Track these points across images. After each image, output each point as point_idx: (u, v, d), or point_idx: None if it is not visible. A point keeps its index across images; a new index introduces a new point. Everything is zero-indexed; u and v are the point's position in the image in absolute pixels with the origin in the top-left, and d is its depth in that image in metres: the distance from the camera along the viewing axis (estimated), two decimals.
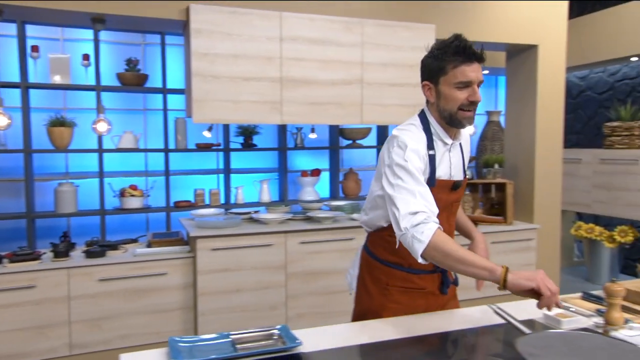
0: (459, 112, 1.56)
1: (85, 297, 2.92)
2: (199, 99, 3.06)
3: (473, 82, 1.53)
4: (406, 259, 1.66)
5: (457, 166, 1.70)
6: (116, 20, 3.11)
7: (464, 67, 1.52)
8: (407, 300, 1.69)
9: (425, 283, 1.71)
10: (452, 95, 1.54)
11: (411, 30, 3.53)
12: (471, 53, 1.53)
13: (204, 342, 1.33)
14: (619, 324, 1.36)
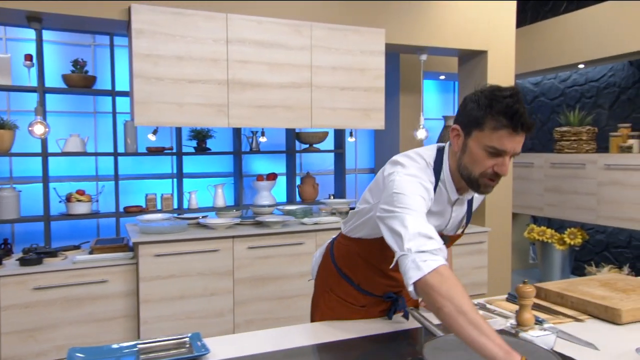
0: (480, 179, 1.32)
1: (18, 307, 2.80)
2: (141, 101, 2.98)
3: (507, 153, 1.28)
4: (357, 276, 1.60)
5: (455, 222, 1.50)
6: (54, 20, 3.01)
7: (504, 133, 1.25)
8: (343, 312, 1.62)
9: (367, 302, 1.62)
10: (479, 158, 1.30)
11: (361, 34, 3.53)
12: (520, 122, 1.24)
13: (106, 353, 1.26)
14: (529, 325, 1.36)
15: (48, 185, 3.95)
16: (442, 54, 4.25)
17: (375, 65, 3.59)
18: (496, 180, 1.33)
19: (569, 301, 1.67)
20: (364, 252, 1.55)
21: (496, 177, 1.32)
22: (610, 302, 1.57)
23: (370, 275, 1.58)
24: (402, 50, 4.08)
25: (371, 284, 1.59)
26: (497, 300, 1.78)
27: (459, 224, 1.52)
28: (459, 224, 1.53)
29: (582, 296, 1.64)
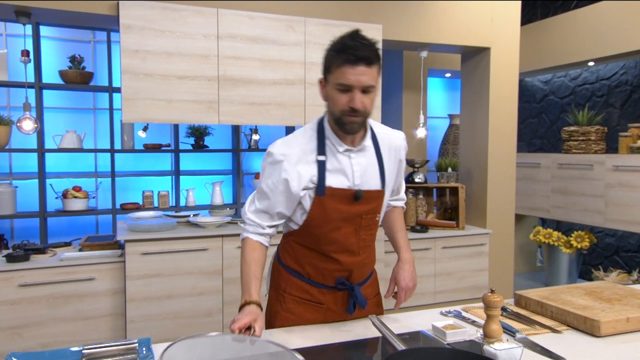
0: (343, 116, 1.41)
1: (3, 303, 2.78)
2: (129, 97, 2.94)
3: (354, 87, 1.37)
4: (305, 268, 1.56)
5: (366, 176, 1.52)
6: (43, 14, 2.98)
7: (345, 69, 1.36)
8: (302, 311, 1.57)
9: (324, 298, 1.58)
10: (335, 97, 1.41)
11: None
12: (352, 53, 1.35)
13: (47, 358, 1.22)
14: (496, 337, 1.27)
15: (44, 181, 3.96)
16: (443, 51, 4.14)
17: None
18: (358, 116, 1.40)
19: (549, 310, 1.58)
20: (301, 239, 1.56)
21: (354, 113, 1.39)
22: (590, 312, 1.48)
23: (315, 262, 1.55)
24: (401, 46, 3.99)
25: (319, 272, 1.56)
26: (475, 308, 1.69)
27: (376, 178, 1.55)
28: (374, 179, 1.54)
29: (562, 306, 1.54)
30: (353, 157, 1.51)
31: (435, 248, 3.82)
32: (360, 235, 1.55)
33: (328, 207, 1.48)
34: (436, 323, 1.46)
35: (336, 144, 1.49)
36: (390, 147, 1.60)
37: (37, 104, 3.79)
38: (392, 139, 1.62)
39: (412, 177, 4.08)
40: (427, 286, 3.80)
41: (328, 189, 1.47)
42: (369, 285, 1.67)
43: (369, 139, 1.55)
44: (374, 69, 1.38)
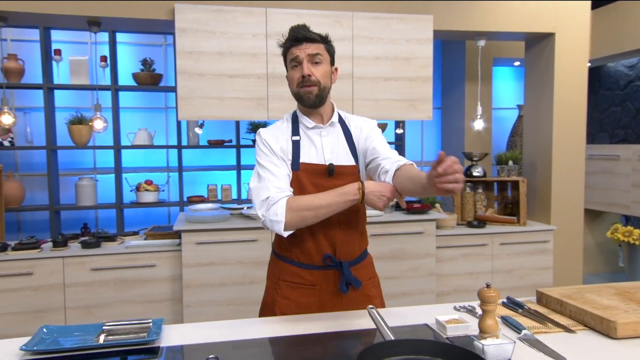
0: (299, 90, 1.60)
1: (79, 285, 3.10)
2: (184, 96, 3.14)
3: (301, 58, 1.58)
4: (293, 252, 1.64)
5: (336, 151, 1.66)
6: (111, 23, 3.26)
7: (293, 49, 1.61)
8: (297, 296, 1.64)
9: (315, 279, 1.64)
10: (290, 75, 1.63)
11: (406, 22, 3.41)
12: (295, 36, 1.60)
13: (72, 330, 1.37)
14: (492, 332, 1.25)
15: (121, 175, 4.32)
16: (504, 39, 3.96)
17: (422, 54, 3.45)
18: (311, 85, 1.58)
19: (568, 310, 1.50)
20: None
21: (307, 81, 1.58)
22: (609, 313, 1.39)
23: (300, 243, 1.63)
24: (454, 36, 3.88)
25: (306, 252, 1.62)
26: None
27: (343, 155, 1.65)
28: (345, 155, 1.66)
29: (581, 305, 1.47)
30: (324, 135, 1.66)
31: (493, 244, 3.69)
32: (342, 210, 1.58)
33: (303, 181, 1.60)
34: (440, 317, 1.45)
35: (305, 122, 1.66)
36: (357, 126, 1.73)
37: (112, 104, 4.14)
38: (357, 120, 1.76)
39: (470, 171, 3.96)
40: (483, 283, 3.67)
41: (302, 164, 1.61)
42: (362, 267, 1.72)
43: (337, 117, 1.72)
44: (318, 45, 1.61)
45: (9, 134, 4.13)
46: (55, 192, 4.16)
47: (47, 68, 4.02)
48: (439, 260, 3.56)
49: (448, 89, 5.11)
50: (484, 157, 4.01)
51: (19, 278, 3.02)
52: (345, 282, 1.62)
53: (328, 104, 1.70)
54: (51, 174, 4.07)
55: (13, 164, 4.44)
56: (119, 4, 3.10)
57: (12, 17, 3.18)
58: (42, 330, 1.36)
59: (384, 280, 3.35)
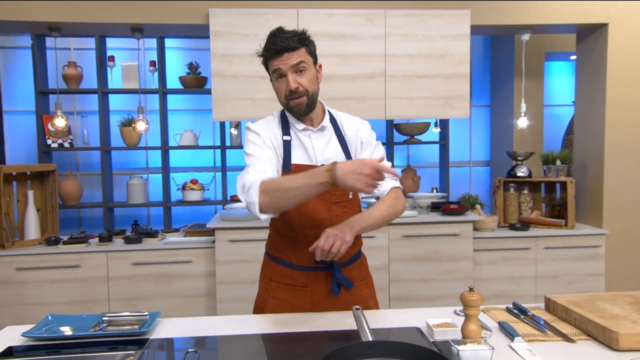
0: (288, 102, 1.58)
1: (121, 278, 3.27)
2: (218, 97, 3.24)
3: (285, 72, 1.54)
4: (285, 253, 1.64)
5: (327, 153, 1.64)
6: (153, 29, 3.42)
7: (273, 61, 1.55)
8: (288, 297, 1.65)
9: (307, 281, 1.64)
10: (276, 87, 1.60)
11: (442, 17, 3.32)
12: (273, 48, 1.53)
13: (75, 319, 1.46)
14: (473, 337, 1.19)
15: (168, 175, 4.51)
16: (551, 32, 3.77)
17: (458, 50, 3.35)
18: (299, 97, 1.56)
19: (573, 317, 1.41)
20: (278, 224, 1.66)
21: (294, 94, 1.55)
22: (614, 322, 1.29)
23: (292, 244, 1.64)
24: (494, 31, 3.73)
25: (298, 254, 1.62)
26: (497, 310, 1.58)
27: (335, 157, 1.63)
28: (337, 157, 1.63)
29: (585, 313, 1.37)
30: (313, 137, 1.65)
31: (536, 248, 3.51)
32: (332, 211, 1.62)
33: None
34: (430, 320, 1.40)
35: (296, 125, 1.64)
36: (351, 128, 1.71)
37: (160, 107, 4.33)
38: (351, 122, 1.73)
39: (514, 171, 3.79)
40: (526, 288, 3.52)
41: (293, 165, 1.60)
42: (356, 268, 1.70)
43: (328, 120, 1.68)
44: (300, 51, 1.54)
45: (69, 136, 4.43)
46: (108, 190, 4.41)
47: (102, 74, 4.27)
48: (477, 264, 3.44)
49: (497, 86, 4.92)
50: (529, 156, 3.82)
51: (68, 270, 3.24)
52: (337, 283, 1.61)
53: (318, 106, 1.67)
54: (105, 173, 4.32)
55: (74, 164, 4.76)
56: (159, 11, 3.24)
57: (65, 28, 3.41)
58: (47, 318, 1.45)
59: (417, 283, 3.30)
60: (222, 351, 1.31)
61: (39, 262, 3.23)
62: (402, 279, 3.34)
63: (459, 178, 5.06)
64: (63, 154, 4.61)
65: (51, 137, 4.28)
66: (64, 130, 4.30)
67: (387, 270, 3.32)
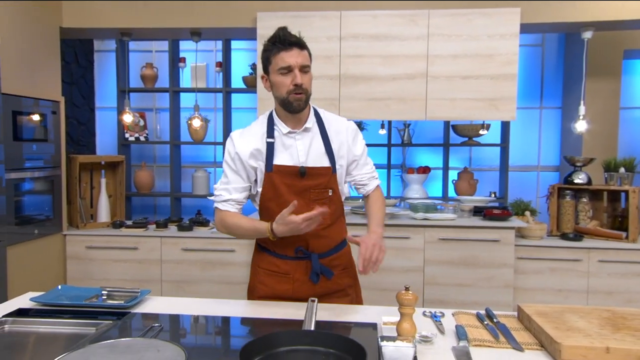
0: (289, 96, 1.65)
1: (172, 262, 3.57)
2: (263, 97, 3.41)
3: (293, 67, 1.63)
4: (269, 243, 1.74)
5: (311, 154, 1.73)
6: (209, 32, 3.67)
7: (282, 54, 1.63)
8: (273, 283, 1.77)
9: (289, 268, 1.74)
10: (279, 82, 1.66)
11: (489, 16, 3.22)
12: (285, 39, 1.63)
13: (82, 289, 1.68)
14: (407, 335, 1.21)
15: None
16: (618, 28, 3.49)
17: (506, 50, 3.23)
18: (301, 93, 1.65)
19: (533, 327, 1.37)
20: (263, 216, 1.77)
21: (299, 89, 1.64)
22: (565, 334, 1.24)
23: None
24: (548, 29, 3.53)
25: (281, 244, 1.71)
26: (465, 314, 1.56)
27: (318, 157, 1.73)
28: (319, 157, 1.73)
29: (543, 324, 1.32)
30: (298, 138, 1.73)
31: (589, 260, 3.28)
32: (312, 208, 1.63)
33: (276, 181, 1.69)
34: (385, 318, 1.44)
35: (281, 128, 1.73)
36: (335, 129, 1.79)
37: (223, 105, 4.61)
38: (336, 123, 1.81)
39: (571, 177, 3.57)
40: (575, 302, 3.30)
41: (275, 166, 1.70)
42: (336, 258, 1.79)
43: (313, 122, 1.77)
44: (305, 53, 1.67)
45: (145, 131, 4.87)
46: (176, 182, 4.78)
47: (174, 74, 4.64)
48: (521, 272, 3.30)
49: (569, 87, 4.63)
50: (589, 162, 3.58)
51: (128, 251, 3.59)
52: (315, 272, 1.70)
53: (307, 107, 1.76)
54: (173, 165, 4.70)
55: (152, 156, 5.22)
56: (213, 16, 3.49)
57: (135, 33, 3.77)
58: (57, 288, 1.69)
59: (453, 287, 3.25)
60: (183, 327, 1.44)
61: (104, 242, 3.61)
62: (437, 282, 3.29)
63: (525, 183, 4.83)
64: (143, 146, 5.06)
65: (129, 132, 4.73)
66: (138, 125, 4.74)
67: (421, 272, 3.30)
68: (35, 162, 3.30)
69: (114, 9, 3.57)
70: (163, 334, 1.36)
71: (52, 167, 3.48)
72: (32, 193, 3.30)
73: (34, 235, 3.29)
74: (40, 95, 3.31)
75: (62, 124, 3.57)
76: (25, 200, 3.24)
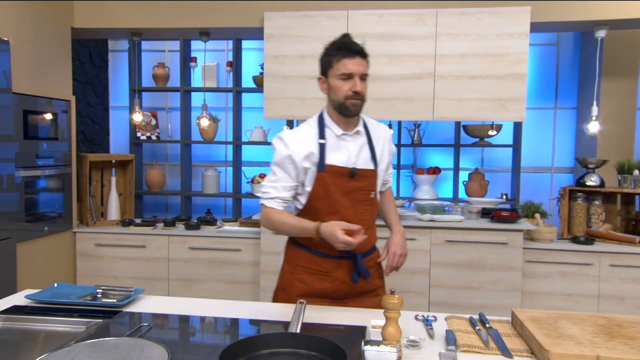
0: (347, 101, 1.71)
1: (179, 260, 3.59)
2: (269, 97, 3.41)
3: (354, 74, 1.68)
4: (313, 242, 1.73)
5: (360, 156, 1.79)
6: (217, 32, 3.68)
7: (345, 61, 1.68)
8: (312, 281, 1.79)
9: (330, 267, 1.77)
10: (338, 86, 1.71)
11: (498, 15, 3.16)
12: (350, 48, 1.69)
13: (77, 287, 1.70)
14: (392, 339, 1.20)
15: (239, 168, 4.81)
16: (634, 27, 3.40)
17: (515, 49, 3.17)
18: (359, 99, 1.71)
19: (525, 333, 1.33)
20: (308, 216, 1.77)
21: (357, 96, 1.70)
22: (556, 342, 1.21)
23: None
24: (560, 28, 3.47)
25: (325, 243, 1.67)
26: (458, 319, 1.53)
27: (368, 159, 1.80)
28: (366, 160, 1.80)
29: (534, 330, 1.29)
30: (349, 140, 1.79)
31: (600, 265, 3.21)
32: (356, 208, 1.77)
33: (328, 182, 1.73)
34: (374, 321, 1.42)
35: (334, 130, 1.78)
36: (379, 135, 1.87)
37: (234, 104, 4.63)
38: (379, 128, 1.90)
39: (583, 180, 3.49)
40: (586, 307, 3.23)
41: (327, 166, 1.74)
42: (372, 259, 1.86)
43: (362, 126, 1.83)
44: (366, 62, 1.73)
45: (156, 130, 4.91)
46: (187, 180, 4.81)
47: (185, 73, 4.67)
48: (529, 276, 3.24)
49: (585, 87, 4.53)
50: (601, 164, 3.50)
51: (136, 249, 3.63)
52: (357, 271, 1.76)
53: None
54: (183, 164, 4.73)
55: (164, 155, 5.26)
56: (220, 16, 3.50)
57: (145, 33, 3.81)
58: (53, 286, 1.71)
59: (459, 290, 3.21)
60: (171, 327, 1.44)
61: (113, 240, 3.66)
62: (444, 284, 3.25)
63: (539, 185, 4.75)
64: (156, 145, 5.11)
65: (140, 131, 4.78)
66: (150, 124, 4.78)
67: (427, 274, 3.26)
68: (46, 160, 3.35)
69: (124, 9, 3.61)
70: (150, 334, 1.37)
71: (63, 166, 3.53)
72: (43, 191, 3.36)
73: (44, 232, 3.34)
74: (51, 95, 3.36)
75: (72, 123, 3.62)
76: (36, 197, 3.29)
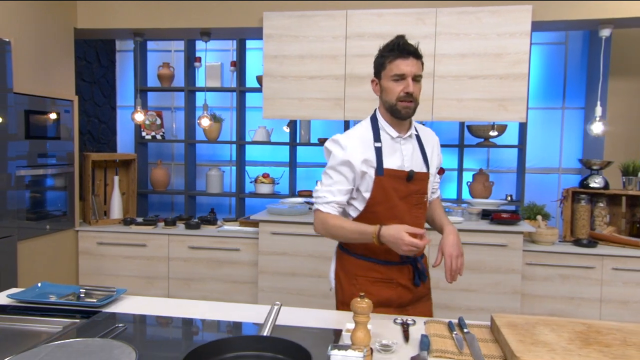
0: (398, 103, 1.67)
1: (179, 259, 3.61)
2: (268, 97, 3.41)
3: (407, 75, 1.65)
4: (372, 249, 1.72)
5: (413, 159, 1.77)
6: (218, 32, 3.69)
7: (398, 62, 1.66)
8: (376, 290, 1.73)
9: (393, 274, 1.75)
10: (390, 88, 1.69)
11: (499, 14, 3.12)
12: (404, 48, 1.67)
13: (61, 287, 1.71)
14: (361, 344, 1.18)
15: (243, 168, 4.82)
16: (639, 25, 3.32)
17: (516, 49, 3.12)
18: (411, 102, 1.68)
19: (501, 339, 1.31)
20: (367, 220, 1.70)
21: (409, 97, 1.67)
22: (527, 348, 1.18)
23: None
24: (562, 27, 3.40)
25: (386, 249, 1.66)
26: (436, 323, 1.51)
27: (421, 162, 1.79)
28: (420, 163, 1.78)
29: (509, 336, 1.27)
30: (403, 143, 1.77)
31: (603, 268, 3.15)
32: (412, 212, 1.76)
33: (387, 186, 1.71)
34: (348, 325, 1.40)
35: (389, 132, 1.75)
36: (428, 139, 1.87)
37: (237, 104, 4.64)
38: (428, 133, 1.89)
39: (587, 181, 3.43)
40: (588, 311, 3.17)
41: (386, 170, 1.71)
42: (424, 262, 1.85)
43: (414, 130, 1.82)
44: (419, 63, 1.70)
45: (161, 129, 4.94)
46: (191, 180, 4.84)
47: (190, 73, 4.69)
48: (530, 279, 3.19)
49: (593, 87, 4.45)
50: (605, 165, 3.43)
51: (137, 248, 3.66)
52: (418, 275, 1.76)
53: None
54: (187, 163, 4.75)
55: (170, 155, 5.30)
56: (220, 16, 3.50)
57: (147, 33, 3.83)
58: (37, 285, 1.72)
59: (458, 292, 3.17)
60: (146, 328, 1.45)
61: (114, 239, 3.69)
62: (442, 286, 3.21)
63: (546, 186, 4.68)
64: (161, 144, 5.15)
65: (146, 130, 4.82)
66: (154, 124, 4.82)
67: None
68: (48, 159, 3.39)
69: (127, 9, 3.63)
70: (124, 335, 1.37)
71: (66, 165, 3.57)
72: (45, 190, 3.40)
73: (45, 230, 3.38)
74: (54, 95, 3.40)
75: (75, 123, 3.66)
76: (38, 196, 3.33)
